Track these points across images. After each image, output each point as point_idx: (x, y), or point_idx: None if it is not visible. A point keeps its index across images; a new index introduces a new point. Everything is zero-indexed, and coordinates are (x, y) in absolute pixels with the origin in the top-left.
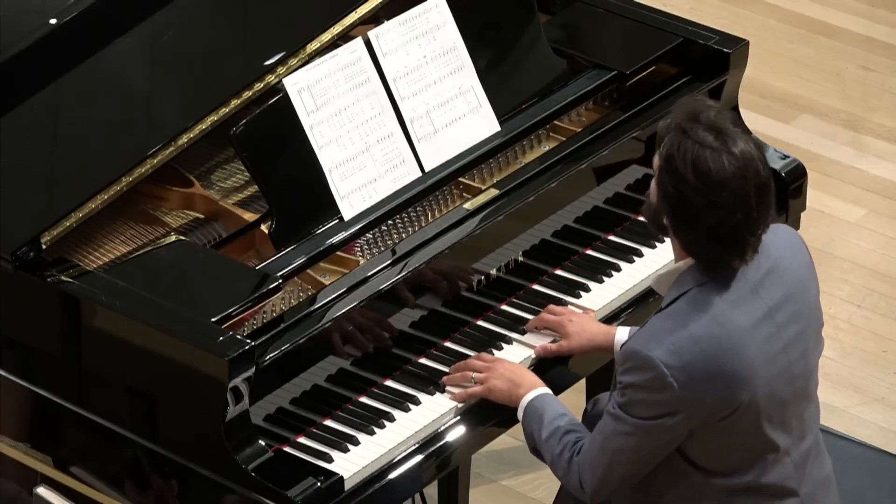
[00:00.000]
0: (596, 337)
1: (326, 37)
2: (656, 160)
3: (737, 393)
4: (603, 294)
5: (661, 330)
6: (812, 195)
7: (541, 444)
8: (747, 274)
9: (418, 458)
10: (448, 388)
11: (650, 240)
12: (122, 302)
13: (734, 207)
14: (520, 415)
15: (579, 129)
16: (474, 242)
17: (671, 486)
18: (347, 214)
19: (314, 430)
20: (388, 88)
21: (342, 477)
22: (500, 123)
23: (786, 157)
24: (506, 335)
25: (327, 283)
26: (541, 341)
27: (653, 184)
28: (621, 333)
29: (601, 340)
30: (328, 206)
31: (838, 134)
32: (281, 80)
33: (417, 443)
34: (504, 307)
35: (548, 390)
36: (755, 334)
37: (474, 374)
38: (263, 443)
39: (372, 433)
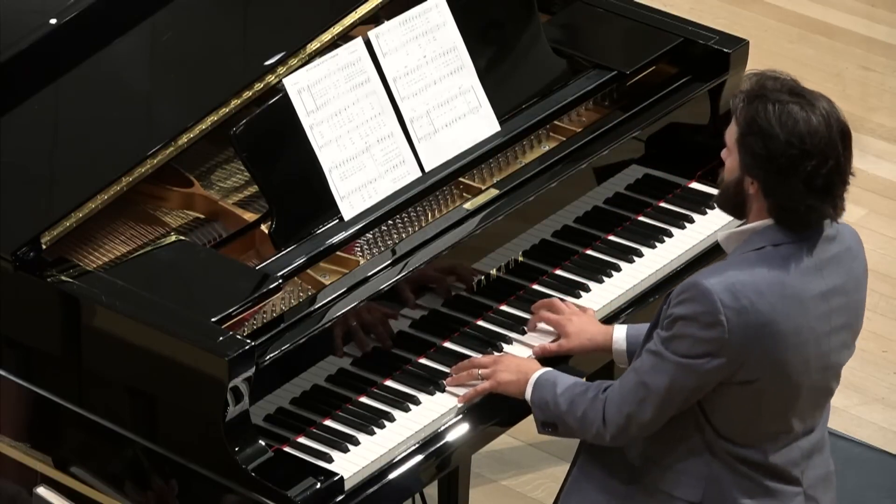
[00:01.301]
0: (595, 337)
1: (326, 37)
2: (732, 133)
3: (778, 355)
4: (603, 294)
5: (725, 271)
6: None
7: (555, 399)
8: (818, 249)
9: (418, 458)
10: (453, 388)
11: (650, 240)
12: (122, 302)
13: (825, 154)
14: (528, 393)
15: (579, 129)
16: (474, 242)
17: (685, 438)
18: (347, 214)
19: (314, 430)
20: (388, 88)
21: (342, 477)
22: (500, 123)
23: None
24: (506, 335)
25: (327, 283)
26: (541, 341)
27: (728, 162)
28: (619, 332)
29: (600, 341)
30: (328, 206)
31: None
32: (281, 80)
33: (417, 443)
34: (504, 307)
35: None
36: (809, 308)
37: (480, 371)
38: (263, 443)
39: (372, 433)
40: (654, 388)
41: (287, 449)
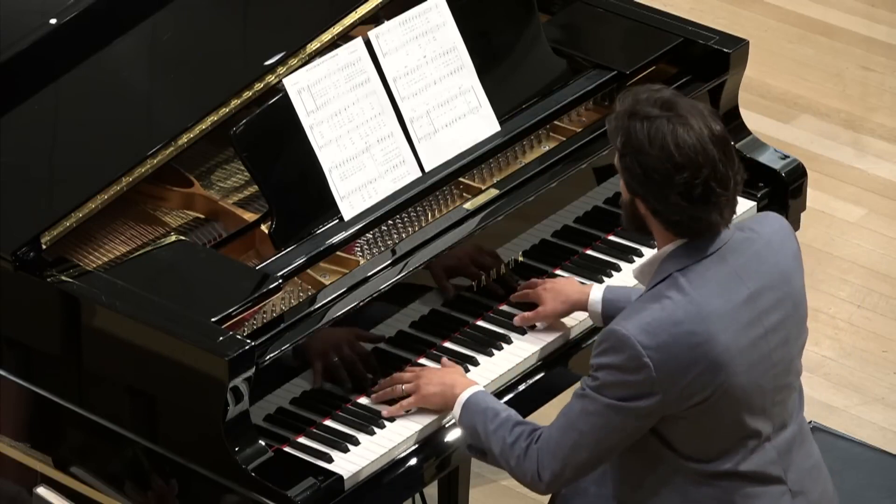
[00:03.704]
0: (570, 297)
1: (326, 37)
2: (616, 157)
3: (713, 376)
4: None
5: (639, 311)
6: (812, 195)
7: (488, 435)
8: (729, 259)
9: (418, 458)
10: (379, 405)
11: (650, 239)
12: (122, 302)
13: (699, 164)
14: (456, 412)
15: (579, 129)
16: (474, 242)
17: (652, 471)
18: (347, 214)
19: (314, 430)
20: (388, 88)
21: (342, 477)
22: (500, 123)
23: (786, 157)
24: (505, 335)
25: (327, 283)
26: (541, 339)
27: (621, 183)
28: (596, 292)
29: (576, 299)
30: (328, 206)
31: (838, 134)
32: (281, 80)
33: (417, 443)
34: (504, 307)
35: (481, 387)
36: (735, 318)
37: (403, 387)
38: (263, 443)
39: (372, 433)
40: (587, 432)
41: (287, 449)
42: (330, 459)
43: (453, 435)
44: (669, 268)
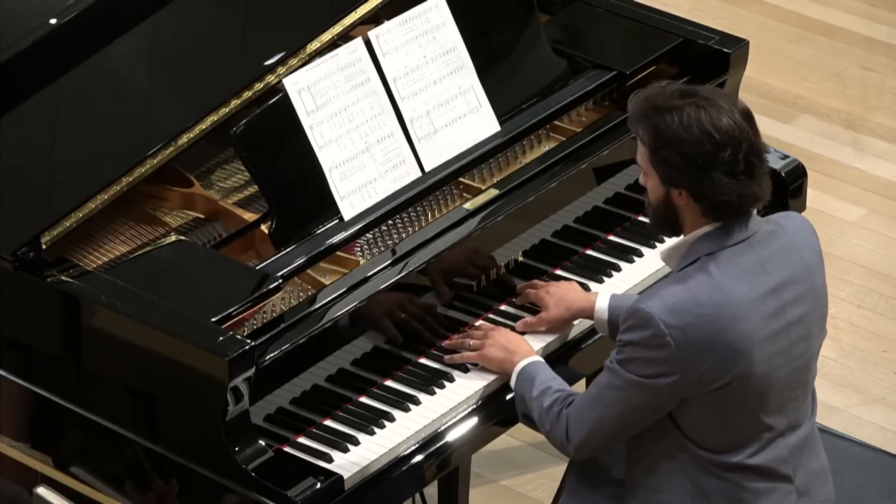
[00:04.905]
0: (574, 304)
1: (326, 37)
2: (643, 154)
3: (733, 362)
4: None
5: (665, 291)
6: (812, 195)
7: (530, 401)
8: (756, 248)
9: (418, 458)
10: (448, 354)
11: (650, 240)
12: (122, 302)
13: (738, 140)
14: (513, 381)
15: (579, 129)
16: (474, 242)
17: (665, 455)
18: (347, 214)
19: (314, 430)
20: (388, 88)
21: (342, 477)
22: (500, 123)
23: (786, 157)
24: None
25: (327, 283)
26: (540, 336)
27: (649, 184)
28: (602, 301)
29: (580, 307)
30: (328, 206)
31: (838, 134)
32: (281, 80)
33: (417, 443)
34: (504, 307)
35: (541, 359)
36: (759, 307)
37: (471, 342)
38: (263, 443)
39: (372, 433)
40: (611, 405)
41: (287, 449)
42: (330, 459)
43: (453, 435)
44: (698, 251)
